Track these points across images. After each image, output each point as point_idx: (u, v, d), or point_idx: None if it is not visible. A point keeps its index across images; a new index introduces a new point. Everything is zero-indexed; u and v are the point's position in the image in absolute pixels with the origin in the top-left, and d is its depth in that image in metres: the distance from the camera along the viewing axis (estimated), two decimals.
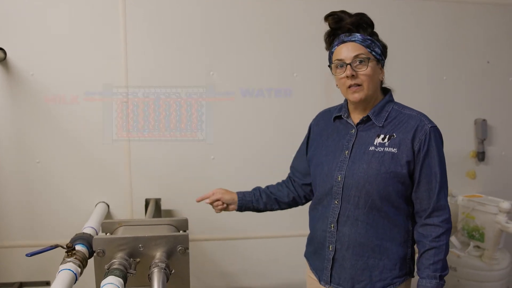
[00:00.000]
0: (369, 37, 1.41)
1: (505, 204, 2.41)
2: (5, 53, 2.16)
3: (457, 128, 2.72)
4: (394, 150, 1.38)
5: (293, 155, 1.76)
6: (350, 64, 1.38)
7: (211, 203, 1.70)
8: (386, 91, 1.51)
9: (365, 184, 1.39)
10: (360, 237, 1.42)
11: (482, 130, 2.71)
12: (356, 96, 1.40)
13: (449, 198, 2.48)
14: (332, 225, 1.46)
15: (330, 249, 1.47)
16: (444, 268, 1.38)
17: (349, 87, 1.40)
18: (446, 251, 1.39)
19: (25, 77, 2.22)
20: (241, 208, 1.69)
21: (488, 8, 2.66)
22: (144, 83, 2.32)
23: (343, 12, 1.44)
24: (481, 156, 2.74)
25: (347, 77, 1.39)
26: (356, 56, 1.38)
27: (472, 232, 2.63)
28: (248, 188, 1.76)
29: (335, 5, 1.54)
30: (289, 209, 1.82)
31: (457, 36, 2.65)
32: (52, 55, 2.24)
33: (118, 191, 2.35)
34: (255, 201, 1.69)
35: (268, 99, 2.44)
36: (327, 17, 1.45)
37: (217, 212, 1.71)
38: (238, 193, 1.69)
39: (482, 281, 2.54)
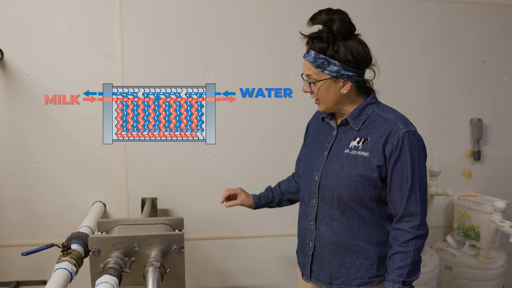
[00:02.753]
0: (322, 56, 1.36)
1: (500, 204, 2.43)
2: (2, 53, 2.16)
3: (453, 128, 2.73)
4: (366, 154, 1.38)
5: (290, 155, 1.79)
6: (307, 81, 1.43)
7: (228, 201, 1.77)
8: (368, 92, 1.48)
9: (336, 186, 1.41)
10: (335, 236, 1.44)
11: (478, 129, 2.72)
12: (319, 107, 1.48)
13: (444, 198, 2.52)
14: (311, 223, 1.50)
15: (310, 246, 1.51)
16: (410, 274, 1.35)
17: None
18: (415, 257, 1.36)
19: (22, 77, 2.22)
20: (255, 209, 1.79)
21: (483, 8, 2.66)
22: (142, 82, 2.32)
23: (321, 13, 1.38)
24: (476, 155, 2.75)
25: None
26: (307, 76, 1.43)
27: (467, 231, 2.64)
28: (246, 187, 1.78)
29: (331, 5, 1.53)
30: (285, 209, 1.84)
31: (452, 36, 2.66)
32: (49, 55, 2.23)
33: (114, 190, 2.36)
34: (269, 203, 1.79)
35: (267, 99, 2.43)
36: (309, 22, 1.43)
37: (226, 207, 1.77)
38: (253, 197, 1.77)
39: (478, 280, 2.55)
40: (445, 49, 2.66)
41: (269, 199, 1.77)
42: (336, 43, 1.36)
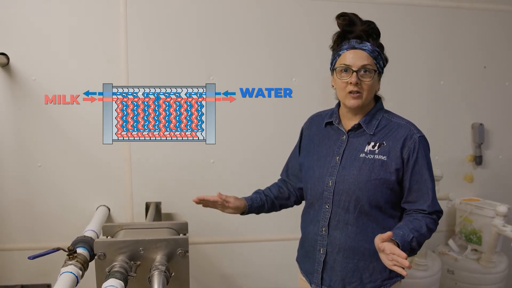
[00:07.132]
0: (377, 49, 1.43)
1: (502, 208, 2.43)
2: (8, 58, 2.19)
3: (455, 132, 2.74)
4: (383, 157, 1.42)
5: None
6: (356, 71, 1.40)
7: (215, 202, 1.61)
8: (376, 99, 1.53)
9: (355, 190, 1.42)
10: (350, 241, 1.45)
11: (479, 134, 2.73)
12: (353, 102, 1.42)
13: (446, 202, 2.53)
14: (323, 229, 1.49)
15: (321, 252, 1.50)
16: (419, 241, 1.34)
17: (350, 92, 1.42)
18: (424, 236, 1.37)
19: (28, 82, 2.24)
20: (245, 214, 1.65)
21: (484, 14, 2.69)
22: (143, 83, 2.33)
23: (354, 15, 1.46)
24: (478, 160, 2.76)
25: (350, 83, 1.41)
26: (363, 66, 1.40)
27: (469, 235, 2.65)
28: (249, 191, 1.77)
29: (334, 10, 1.55)
30: (288, 213, 1.84)
31: (453, 41, 2.67)
32: (54, 59, 2.26)
33: (118, 194, 2.37)
34: (261, 207, 1.67)
35: (267, 99, 2.44)
36: (338, 17, 1.46)
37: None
38: (247, 200, 1.64)
39: (480, 284, 2.55)
40: (446, 54, 2.67)
41: (262, 202, 1.66)
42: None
